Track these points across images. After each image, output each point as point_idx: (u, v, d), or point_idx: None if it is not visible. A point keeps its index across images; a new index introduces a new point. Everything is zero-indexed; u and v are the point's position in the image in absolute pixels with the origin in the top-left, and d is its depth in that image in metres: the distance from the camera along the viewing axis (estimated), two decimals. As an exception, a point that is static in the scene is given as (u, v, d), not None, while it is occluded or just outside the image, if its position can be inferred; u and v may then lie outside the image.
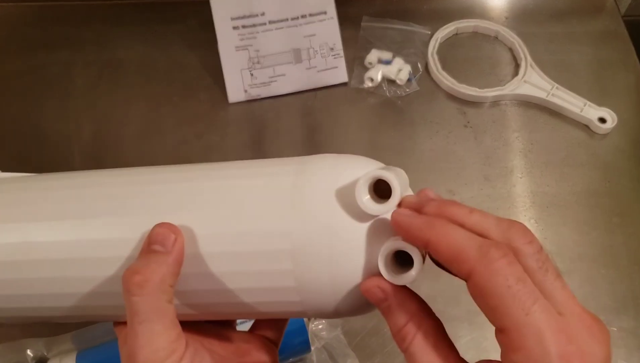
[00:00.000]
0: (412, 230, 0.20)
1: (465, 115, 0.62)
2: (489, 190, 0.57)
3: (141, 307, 0.21)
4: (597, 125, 0.60)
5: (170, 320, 0.22)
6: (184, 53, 0.66)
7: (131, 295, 0.21)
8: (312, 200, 0.22)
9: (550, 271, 0.20)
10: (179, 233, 0.23)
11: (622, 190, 0.57)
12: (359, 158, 0.24)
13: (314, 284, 0.22)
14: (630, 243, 0.54)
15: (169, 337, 0.22)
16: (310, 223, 0.22)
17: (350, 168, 0.23)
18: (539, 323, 0.17)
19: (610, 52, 0.66)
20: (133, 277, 0.21)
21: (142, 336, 0.21)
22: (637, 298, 0.51)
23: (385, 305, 0.21)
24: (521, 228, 0.20)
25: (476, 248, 0.19)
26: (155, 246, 0.22)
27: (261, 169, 0.25)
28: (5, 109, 0.63)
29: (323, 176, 0.23)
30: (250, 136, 0.61)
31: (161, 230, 0.23)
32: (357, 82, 0.64)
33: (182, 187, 0.24)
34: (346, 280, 0.22)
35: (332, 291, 0.22)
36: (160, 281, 0.22)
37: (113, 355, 0.44)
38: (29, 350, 0.46)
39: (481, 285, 0.18)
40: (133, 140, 0.61)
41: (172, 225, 0.23)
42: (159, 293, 0.22)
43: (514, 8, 0.70)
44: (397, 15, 0.68)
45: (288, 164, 0.24)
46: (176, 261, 0.22)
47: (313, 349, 0.46)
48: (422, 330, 0.20)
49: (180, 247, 0.23)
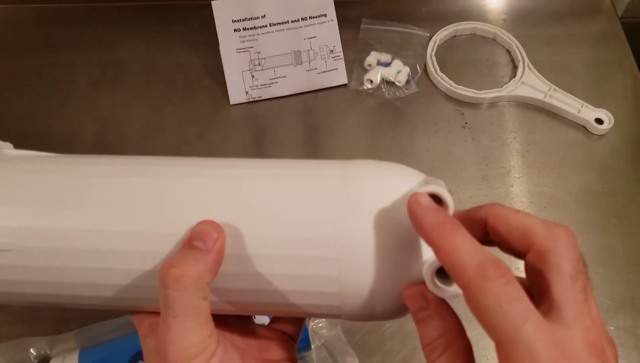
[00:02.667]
0: (422, 224, 0.20)
1: (463, 116, 0.63)
2: (486, 190, 0.58)
3: (176, 302, 0.21)
4: (594, 126, 0.60)
5: (204, 317, 0.22)
6: (185, 55, 0.67)
7: (167, 288, 0.21)
8: (359, 209, 0.22)
9: (579, 282, 0.19)
10: (221, 232, 0.23)
11: (620, 191, 0.58)
12: (402, 167, 0.24)
13: (355, 290, 0.22)
14: (628, 243, 0.54)
15: (201, 334, 0.22)
16: (358, 232, 0.22)
17: (396, 176, 0.24)
18: (531, 339, 0.18)
19: (608, 53, 0.67)
20: (171, 270, 0.21)
21: (174, 331, 0.21)
22: (635, 298, 0.52)
23: (423, 315, 0.21)
24: (567, 231, 0.20)
25: (476, 264, 0.19)
26: (197, 242, 0.22)
27: (305, 171, 0.25)
28: (9, 110, 0.63)
29: (370, 184, 0.23)
30: (251, 137, 0.62)
31: (204, 227, 0.22)
32: (356, 84, 0.64)
33: (226, 184, 0.24)
34: (388, 288, 0.22)
35: (371, 298, 0.23)
36: (198, 277, 0.22)
37: (116, 353, 0.44)
38: (32, 348, 0.46)
39: (474, 300, 0.18)
40: (135, 140, 0.61)
41: (215, 223, 0.23)
42: (195, 289, 0.21)
43: (512, 10, 0.70)
44: (396, 18, 0.68)
45: (332, 168, 0.24)
46: (216, 259, 0.22)
47: (313, 347, 0.47)
48: (453, 348, 0.20)
49: (222, 246, 0.23)
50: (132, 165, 0.26)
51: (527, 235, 0.21)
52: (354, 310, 0.23)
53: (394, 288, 0.22)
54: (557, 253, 0.20)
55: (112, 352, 0.44)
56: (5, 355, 0.46)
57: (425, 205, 0.20)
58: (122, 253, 0.23)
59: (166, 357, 0.21)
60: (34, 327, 0.49)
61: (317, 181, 0.24)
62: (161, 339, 0.21)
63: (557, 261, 0.20)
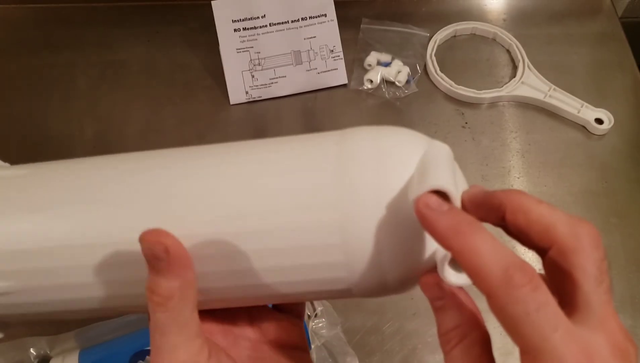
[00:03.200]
0: (436, 229, 0.19)
1: (463, 116, 0.63)
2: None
3: (164, 321, 0.21)
4: (594, 126, 0.60)
5: (193, 331, 0.22)
6: (185, 55, 0.67)
7: (155, 312, 0.21)
8: (360, 184, 0.21)
9: (604, 284, 0.19)
10: (167, 236, 0.21)
11: (620, 191, 0.58)
12: (402, 131, 0.23)
13: (362, 257, 0.21)
14: (628, 243, 0.54)
15: (191, 349, 0.21)
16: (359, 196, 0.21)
17: (395, 145, 0.22)
18: (558, 348, 0.17)
19: (608, 53, 0.67)
20: (152, 297, 0.21)
21: (164, 349, 0.21)
22: (635, 298, 0.52)
23: (439, 304, 0.20)
24: (592, 229, 0.19)
25: (500, 270, 0.17)
26: (154, 261, 0.21)
27: (297, 149, 0.23)
28: (9, 110, 0.64)
29: (368, 158, 0.21)
30: (251, 137, 0.61)
31: (148, 244, 0.20)
32: (356, 84, 0.64)
33: (198, 174, 0.23)
34: (397, 253, 0.21)
35: (380, 266, 0.21)
36: (180, 294, 0.21)
37: (116, 353, 0.45)
38: (32, 348, 0.46)
39: (499, 307, 0.17)
40: (135, 140, 0.61)
41: (158, 232, 0.21)
42: (181, 307, 0.21)
43: (512, 10, 0.70)
44: (396, 18, 0.68)
45: (326, 140, 0.23)
46: (184, 267, 0.21)
47: (313, 347, 0.47)
48: (470, 339, 0.19)
49: (180, 252, 0.21)
50: (111, 167, 0.25)
51: (548, 231, 0.19)
52: (365, 281, 0.22)
53: (405, 253, 0.21)
54: (581, 253, 0.19)
55: (112, 352, 0.45)
56: (5, 355, 0.45)
57: (435, 207, 0.19)
58: (119, 259, 0.23)
59: None
60: (34, 327, 0.49)
61: (314, 152, 0.22)
62: (153, 358, 0.21)
63: (581, 263, 0.19)
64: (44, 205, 0.24)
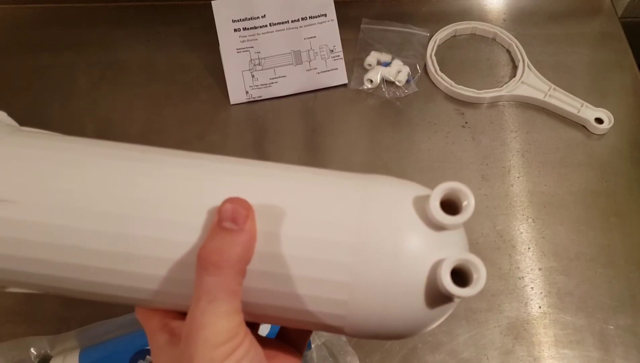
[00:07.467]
0: None
1: (463, 116, 0.63)
2: (486, 190, 0.58)
3: (214, 287, 0.21)
4: (594, 126, 0.61)
5: (238, 304, 0.21)
6: (185, 55, 0.67)
7: (207, 274, 0.21)
8: (377, 221, 0.23)
9: None
10: (250, 209, 0.21)
11: (619, 190, 0.58)
12: (415, 185, 0.25)
13: (365, 302, 0.22)
14: (628, 243, 0.55)
15: (234, 320, 0.21)
16: (374, 247, 0.22)
17: (412, 192, 0.24)
18: None
19: (608, 53, 0.67)
20: (211, 256, 0.21)
21: (209, 315, 0.21)
22: (635, 297, 0.52)
23: None
24: None
25: None
26: (227, 223, 0.21)
27: (327, 178, 0.24)
28: (9, 110, 0.63)
29: (388, 198, 0.23)
30: (251, 137, 0.62)
31: (232, 206, 0.21)
32: (356, 84, 0.64)
33: (255, 182, 0.24)
34: (399, 303, 0.23)
35: (381, 311, 0.22)
36: (237, 261, 0.21)
37: (116, 352, 0.45)
38: (33, 347, 0.46)
39: None
40: (135, 140, 0.60)
41: (242, 200, 0.21)
42: (234, 275, 0.21)
43: (512, 10, 0.70)
44: (396, 18, 0.68)
45: (353, 179, 0.24)
46: (250, 240, 0.21)
47: (313, 346, 0.47)
48: None
49: (253, 224, 0.21)
50: (159, 154, 0.26)
51: None
52: (360, 322, 0.23)
53: (408, 304, 0.23)
54: None
55: (113, 352, 0.45)
56: (6, 355, 0.46)
57: None
58: (144, 241, 0.22)
59: (195, 341, 0.20)
60: (34, 326, 0.49)
61: (340, 190, 0.24)
62: (191, 324, 0.21)
63: None
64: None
